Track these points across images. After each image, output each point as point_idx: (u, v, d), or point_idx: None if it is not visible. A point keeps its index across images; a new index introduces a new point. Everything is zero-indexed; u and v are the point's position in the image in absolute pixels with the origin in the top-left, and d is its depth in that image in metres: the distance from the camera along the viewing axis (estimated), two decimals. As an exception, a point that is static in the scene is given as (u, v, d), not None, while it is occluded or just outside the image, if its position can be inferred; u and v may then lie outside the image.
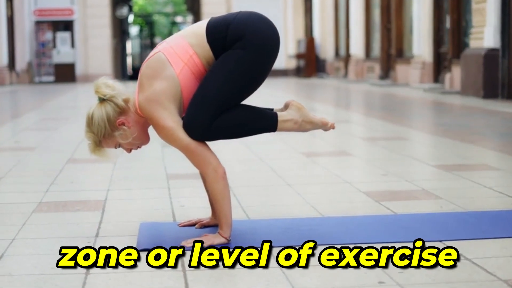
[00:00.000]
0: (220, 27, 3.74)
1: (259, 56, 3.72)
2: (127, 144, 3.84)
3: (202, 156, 3.71)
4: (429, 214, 4.29)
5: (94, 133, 3.78)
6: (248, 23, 3.73)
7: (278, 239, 3.76)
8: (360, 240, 3.72)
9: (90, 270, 3.32)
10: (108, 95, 3.77)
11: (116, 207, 4.65)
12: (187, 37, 3.77)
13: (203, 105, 3.69)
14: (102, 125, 3.76)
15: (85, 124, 3.83)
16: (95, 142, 3.82)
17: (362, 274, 3.21)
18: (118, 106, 3.77)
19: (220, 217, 3.71)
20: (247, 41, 3.70)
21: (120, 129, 3.78)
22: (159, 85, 3.70)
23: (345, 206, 4.60)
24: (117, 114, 3.78)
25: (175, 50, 3.74)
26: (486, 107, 12.00)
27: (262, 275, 3.22)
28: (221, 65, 3.70)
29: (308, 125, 3.88)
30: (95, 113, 3.78)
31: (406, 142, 7.88)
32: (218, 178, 3.69)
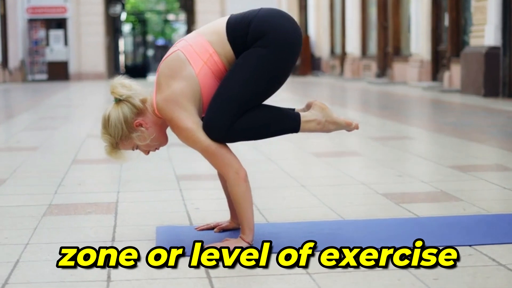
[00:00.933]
0: (241, 24, 3.61)
1: (282, 53, 3.59)
2: (145, 146, 3.71)
3: (223, 158, 3.58)
4: (453, 217, 4.17)
5: (111, 135, 3.65)
6: (269, 20, 3.60)
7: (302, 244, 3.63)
8: (388, 244, 3.59)
9: (112, 277, 3.18)
10: (124, 95, 3.64)
11: (129, 210, 4.52)
12: (206, 35, 3.64)
13: (224, 106, 3.56)
14: (119, 127, 3.63)
15: (101, 126, 3.70)
16: (111, 144, 3.69)
17: (395, 280, 3.09)
18: (135, 106, 3.64)
19: (242, 221, 3.59)
20: (269, 38, 3.57)
21: (137, 130, 3.65)
22: (178, 85, 3.57)
23: (364, 209, 4.47)
24: (134, 115, 3.65)
25: (195, 48, 3.61)
26: (489, 106, 11.90)
27: (292, 281, 3.10)
28: (243, 64, 3.57)
29: (331, 125, 3.76)
30: (111, 114, 3.64)
31: (414, 141, 7.77)
32: (240, 181, 3.56)
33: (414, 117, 10.76)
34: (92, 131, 9.18)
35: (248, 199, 3.57)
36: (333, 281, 3.09)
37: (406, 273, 3.16)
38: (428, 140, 7.85)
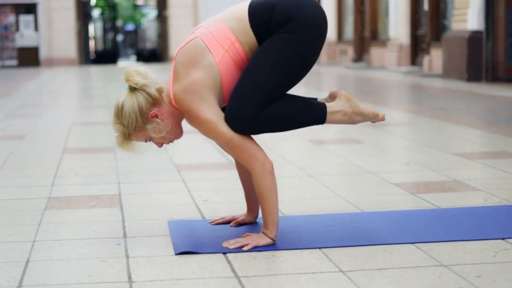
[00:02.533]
0: (264, 10, 3.39)
1: (308, 39, 3.38)
2: (159, 138, 3.49)
3: (248, 150, 3.37)
4: (476, 208, 4.00)
5: (124, 125, 3.43)
6: (295, 5, 3.38)
7: (326, 239, 3.45)
8: (418, 239, 3.42)
9: (133, 278, 2.98)
10: (140, 83, 3.41)
11: (134, 203, 4.31)
12: (227, 21, 3.42)
13: (248, 95, 3.35)
14: (134, 117, 3.41)
15: (113, 115, 3.47)
16: (124, 134, 3.46)
17: (436, 278, 2.91)
18: (151, 96, 3.42)
19: (266, 216, 3.39)
20: (295, 24, 3.36)
21: (153, 121, 3.43)
22: (197, 75, 3.35)
23: (380, 200, 4.29)
24: (150, 105, 3.42)
25: (215, 35, 3.39)
26: (474, 91, 11.79)
27: (326, 280, 2.91)
28: (267, 51, 3.36)
29: (358, 116, 3.55)
30: (125, 103, 3.42)
31: (411, 127, 7.60)
32: (266, 174, 3.36)
33: (402, 102, 10.61)
34: (77, 118, 8.94)
35: (274, 193, 3.37)
36: (369, 280, 2.90)
37: (446, 270, 2.99)
38: (425, 126, 7.69)
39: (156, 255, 3.27)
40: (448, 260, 3.12)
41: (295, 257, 3.21)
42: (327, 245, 3.37)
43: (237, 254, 3.27)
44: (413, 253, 3.23)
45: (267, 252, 3.29)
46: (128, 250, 3.36)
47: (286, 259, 3.18)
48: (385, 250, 3.28)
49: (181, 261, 3.18)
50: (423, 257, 3.17)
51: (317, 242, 3.41)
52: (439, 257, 3.17)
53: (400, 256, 3.18)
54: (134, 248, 3.39)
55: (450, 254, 3.21)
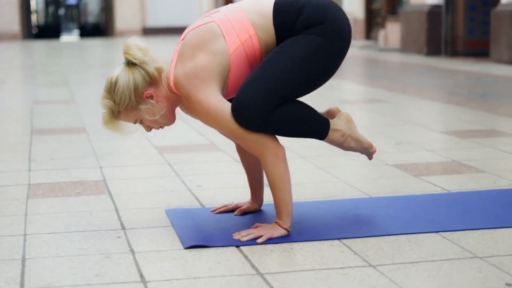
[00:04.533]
0: (291, 9, 3.12)
1: (337, 46, 3.14)
2: (150, 122, 3.20)
3: (257, 138, 3.09)
4: (490, 192, 3.80)
5: (115, 102, 3.13)
6: (326, 8, 3.13)
7: (343, 229, 3.22)
8: (442, 227, 3.21)
9: (146, 277, 2.71)
10: (139, 59, 3.12)
11: (123, 190, 4.02)
12: (250, 13, 3.14)
13: (265, 89, 3.06)
14: (127, 94, 3.11)
15: (104, 89, 3.17)
16: (112, 112, 3.16)
17: (476, 272, 2.69)
18: (149, 75, 3.13)
19: (280, 205, 3.13)
20: (326, 28, 3.10)
21: (147, 102, 3.14)
22: (204, 58, 3.07)
23: (385, 183, 4.07)
24: (146, 84, 3.14)
25: (233, 24, 3.12)
26: (437, 65, 11.66)
27: (359, 277, 2.67)
28: (292, 48, 3.09)
29: (353, 142, 3.31)
30: (120, 78, 3.12)
31: (388, 104, 7.39)
32: (278, 162, 3.09)
33: (368, 77, 10.41)
34: (37, 96, 8.55)
35: (287, 181, 3.12)
36: (405, 276, 2.67)
37: (483, 263, 2.78)
38: (402, 102, 7.48)
39: (164, 250, 3.00)
40: (482, 252, 2.91)
41: (315, 250, 2.97)
42: (346, 235, 3.14)
43: (252, 247, 3.02)
44: (441, 243, 3.02)
45: (283, 245, 3.04)
46: (132, 244, 3.08)
47: (306, 253, 2.94)
48: (410, 240, 3.06)
49: (193, 256, 2.92)
50: (453, 248, 2.96)
51: (334, 232, 3.18)
52: (470, 247, 2.96)
53: (428, 248, 2.96)
54: (137, 242, 3.11)
55: (481, 244, 2.99)
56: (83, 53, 17.04)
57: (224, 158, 4.81)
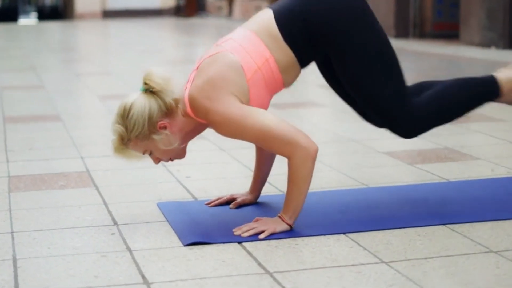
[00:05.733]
0: (293, 22, 3.01)
1: (366, 28, 3.05)
2: (161, 153, 3.04)
3: (288, 137, 2.91)
4: (490, 181, 3.70)
5: (127, 129, 2.97)
6: (329, 8, 3.02)
7: (347, 222, 3.09)
8: (449, 220, 3.09)
9: (149, 278, 2.55)
10: (158, 88, 2.96)
11: (109, 182, 3.85)
12: (260, 34, 3.01)
13: (392, 101, 3.07)
14: (141, 122, 2.95)
15: (117, 114, 3.00)
16: (122, 138, 3.00)
17: (495, 269, 2.57)
18: (166, 105, 2.98)
19: (291, 203, 2.97)
20: (344, 30, 3.02)
21: (160, 133, 2.98)
22: (219, 69, 2.96)
23: (381, 172, 3.95)
24: (162, 114, 2.98)
25: (248, 50, 2.99)
26: (406, 47, 11.57)
27: (375, 275, 2.54)
28: (355, 67, 3.04)
29: None
30: (135, 105, 2.96)
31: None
32: (308, 160, 2.92)
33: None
34: (5, 82, 8.30)
35: (309, 182, 2.96)
36: (422, 273, 2.55)
37: (500, 258, 2.67)
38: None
39: (163, 247, 2.85)
40: (496, 246, 2.79)
41: (322, 246, 2.83)
42: (352, 229, 3.00)
43: (255, 243, 2.88)
44: (451, 237, 2.90)
45: (287, 240, 2.90)
46: (128, 242, 2.93)
47: (313, 249, 2.80)
48: (419, 234, 2.94)
49: (195, 254, 2.77)
50: (465, 242, 2.84)
51: (339, 226, 3.04)
52: (482, 241, 2.84)
53: (439, 242, 2.84)
54: (133, 239, 2.95)
55: (493, 238, 2.88)
56: (43, 36, 16.71)
57: (209, 147, 4.66)
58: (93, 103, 6.58)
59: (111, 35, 17.29)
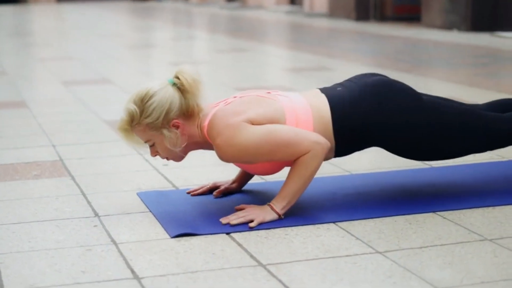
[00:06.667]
0: (352, 122, 2.99)
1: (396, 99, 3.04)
2: (164, 150, 2.96)
3: (311, 139, 2.89)
4: (473, 166, 3.65)
5: (141, 113, 2.89)
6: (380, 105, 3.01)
7: (336, 210, 3.02)
8: (439, 207, 3.04)
9: (138, 273, 2.46)
10: (187, 87, 2.89)
11: (85, 171, 3.74)
12: (314, 112, 2.98)
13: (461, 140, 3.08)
14: (158, 113, 2.88)
15: (136, 95, 2.92)
16: (132, 120, 2.92)
17: (492, 257, 2.52)
18: (188, 106, 2.92)
19: (287, 193, 2.90)
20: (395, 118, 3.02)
21: (171, 130, 2.90)
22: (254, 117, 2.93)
23: (363, 158, 3.89)
24: (180, 113, 2.92)
25: (298, 118, 2.95)
26: (369, 30, 11.55)
27: (371, 266, 2.47)
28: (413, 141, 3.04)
29: None
30: (158, 94, 2.89)
31: (336, 72, 7.20)
32: (320, 156, 2.88)
33: (305, 44, 10.20)
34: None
35: (313, 177, 2.91)
36: (419, 263, 2.49)
37: (495, 246, 2.62)
38: (350, 70, 7.30)
39: (149, 239, 2.76)
40: (489, 233, 2.75)
41: (313, 236, 2.76)
42: (342, 218, 2.94)
43: (244, 234, 2.80)
44: (444, 224, 2.85)
45: (277, 230, 2.83)
46: (112, 234, 2.83)
47: (304, 239, 2.73)
48: (410, 222, 2.88)
49: (183, 246, 2.68)
50: (458, 229, 2.79)
51: (328, 215, 2.98)
52: (475, 229, 2.79)
53: (431, 230, 2.79)
54: (117, 231, 2.86)
55: (485, 225, 2.83)
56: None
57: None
58: (58, 89, 6.44)
59: (69, 19, 17.04)
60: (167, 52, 9.39)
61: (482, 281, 2.32)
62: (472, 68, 7.19)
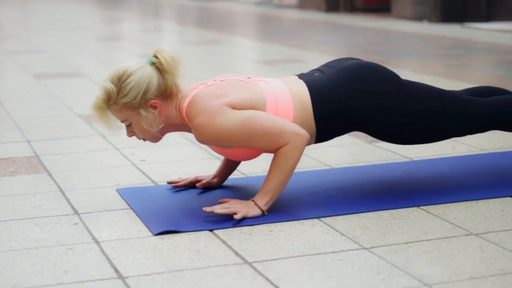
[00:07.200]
0: (329, 104, 2.96)
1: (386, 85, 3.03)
2: (140, 130, 2.92)
3: (289, 129, 2.86)
4: (453, 159, 3.64)
5: (118, 92, 2.85)
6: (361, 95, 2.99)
7: (319, 206, 2.99)
8: (422, 201, 3.02)
9: (122, 272, 2.41)
10: (166, 66, 2.85)
11: (62, 167, 3.68)
12: (295, 99, 2.93)
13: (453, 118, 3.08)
14: (136, 92, 2.84)
15: (114, 73, 2.87)
16: (108, 99, 2.87)
17: (479, 252, 2.51)
18: (167, 86, 2.87)
19: (270, 188, 2.87)
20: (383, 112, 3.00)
21: (148, 111, 2.85)
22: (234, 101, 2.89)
23: (341, 152, 3.87)
24: (158, 93, 2.87)
25: (278, 104, 2.91)
26: (341, 22, 11.53)
27: (359, 262, 2.44)
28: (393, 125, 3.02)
29: None
30: (136, 73, 2.84)
31: (309, 64, 7.18)
32: (301, 147, 2.86)
33: (277, 36, 10.16)
34: None
35: (293, 169, 2.88)
36: (406, 259, 2.47)
37: (481, 241, 2.61)
38: (324, 62, 7.28)
39: (131, 237, 2.72)
40: (475, 228, 2.73)
41: (298, 232, 2.73)
42: (325, 213, 2.91)
43: (227, 230, 2.77)
44: (428, 219, 2.83)
45: (260, 227, 2.80)
46: (93, 232, 2.78)
47: (289, 235, 2.70)
48: (394, 217, 2.86)
49: (166, 244, 2.64)
50: (443, 224, 2.78)
51: (311, 210, 2.95)
52: (460, 223, 2.78)
53: (416, 225, 2.77)
54: (98, 229, 2.81)
55: (470, 219, 2.82)
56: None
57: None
58: (30, 82, 6.35)
59: (36, 10, 16.86)
60: (137, 44, 9.31)
61: (471, 277, 2.30)
62: (444, 59, 7.20)
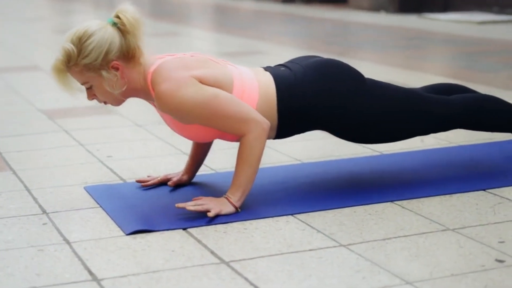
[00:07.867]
0: (295, 99, 2.93)
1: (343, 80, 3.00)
2: (102, 92, 2.84)
3: (246, 113, 2.81)
4: (423, 152, 3.63)
5: (79, 53, 2.76)
6: (323, 93, 2.95)
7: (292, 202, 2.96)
8: (394, 196, 3.00)
9: (97, 274, 2.35)
10: (128, 27, 2.77)
11: (26, 165, 3.60)
12: (261, 87, 2.90)
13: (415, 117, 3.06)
14: (97, 53, 2.75)
15: (74, 34, 2.78)
16: (69, 60, 2.78)
17: (458, 248, 2.49)
18: (129, 48, 2.80)
19: (240, 182, 2.82)
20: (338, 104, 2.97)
21: (110, 72, 2.78)
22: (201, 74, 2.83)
23: (309, 146, 3.84)
24: (120, 55, 2.79)
25: (244, 90, 2.86)
26: (299, 13, 11.51)
27: (338, 260, 2.41)
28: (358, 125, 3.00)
29: None
30: (97, 33, 2.76)
31: (272, 56, 7.13)
32: (263, 136, 2.82)
33: (232, 26, 10.10)
34: None
35: (260, 160, 2.84)
36: (385, 256, 2.44)
37: (459, 237, 2.59)
38: (286, 54, 7.23)
39: (103, 237, 2.65)
40: (451, 223, 2.72)
41: (273, 229, 2.69)
42: (299, 210, 2.87)
43: (201, 229, 2.72)
44: (403, 214, 2.81)
45: (234, 224, 2.75)
46: (63, 232, 2.71)
47: (265, 233, 2.66)
48: (369, 213, 2.84)
49: (140, 244, 2.59)
50: (419, 219, 2.76)
51: (285, 206, 2.91)
52: (435, 218, 2.76)
53: (392, 220, 2.75)
54: (68, 229, 2.74)
55: (445, 214, 2.81)
56: None
57: (123, 122, 4.44)
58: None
59: (-13, 2, 16.61)
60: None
61: (451, 274, 2.28)
62: (404, 50, 7.20)
